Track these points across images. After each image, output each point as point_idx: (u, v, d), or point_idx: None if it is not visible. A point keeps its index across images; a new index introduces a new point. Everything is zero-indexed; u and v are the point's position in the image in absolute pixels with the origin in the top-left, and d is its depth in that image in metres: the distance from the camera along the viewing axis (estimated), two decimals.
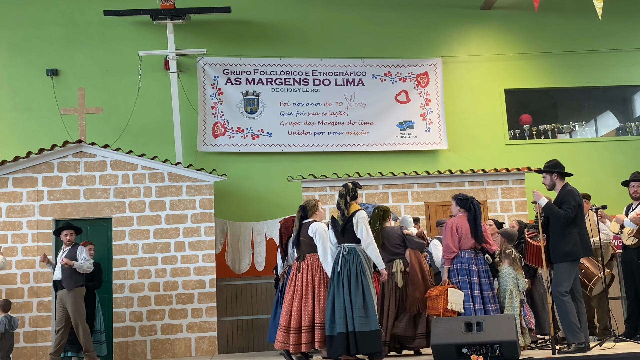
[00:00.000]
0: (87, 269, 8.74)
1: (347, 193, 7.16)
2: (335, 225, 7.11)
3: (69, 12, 12.41)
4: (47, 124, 11.87)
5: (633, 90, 13.45)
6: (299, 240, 7.34)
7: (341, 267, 6.91)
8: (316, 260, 7.22)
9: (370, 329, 6.70)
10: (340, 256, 6.96)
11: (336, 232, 7.10)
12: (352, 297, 6.76)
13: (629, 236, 8.29)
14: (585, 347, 6.83)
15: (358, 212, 7.02)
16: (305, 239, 7.29)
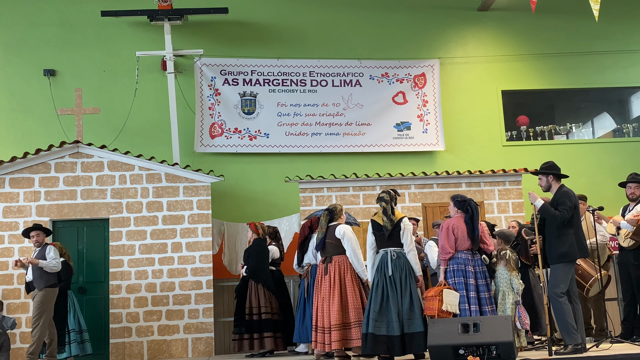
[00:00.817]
0: (54, 267, 8.57)
1: (391, 199, 7.43)
2: (379, 230, 7.32)
3: (66, 13, 12.40)
4: (44, 124, 11.86)
5: (630, 92, 13.47)
6: (325, 243, 7.59)
7: (392, 271, 7.18)
8: (345, 262, 7.49)
9: (417, 330, 7.01)
10: (390, 260, 7.21)
11: (381, 236, 7.31)
12: (402, 300, 7.09)
13: (626, 238, 8.31)
14: (582, 348, 6.84)
15: (403, 219, 7.36)
16: (332, 241, 7.56)
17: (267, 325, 8.90)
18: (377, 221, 7.39)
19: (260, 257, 9.14)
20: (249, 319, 8.91)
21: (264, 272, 9.10)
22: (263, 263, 9.13)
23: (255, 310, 8.92)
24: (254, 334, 8.86)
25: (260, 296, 8.97)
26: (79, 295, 9.88)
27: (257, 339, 8.85)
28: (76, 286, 9.91)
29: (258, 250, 9.16)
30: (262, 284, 9.01)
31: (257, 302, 8.95)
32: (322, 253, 7.70)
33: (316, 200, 10.64)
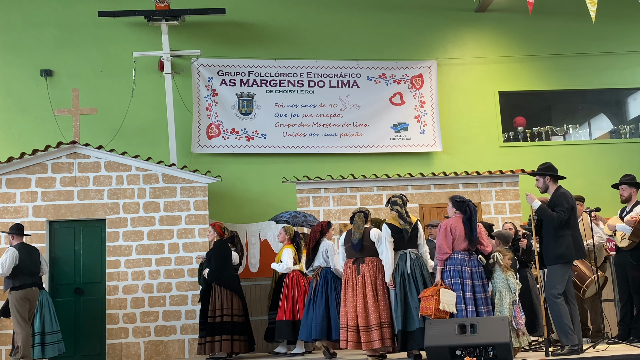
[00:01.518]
0: None
1: (404, 204, 7.85)
2: (398, 233, 7.67)
3: (63, 13, 12.39)
4: (41, 124, 11.85)
5: (627, 93, 13.50)
6: (362, 245, 7.78)
7: (411, 270, 7.59)
8: (378, 263, 7.75)
9: None
10: (409, 260, 7.61)
11: (400, 238, 7.67)
12: None
13: (622, 239, 8.32)
14: (579, 349, 6.85)
15: (417, 222, 7.81)
16: (368, 244, 7.79)
17: (231, 328, 8.85)
18: (394, 224, 7.70)
19: (223, 259, 9.06)
20: (212, 322, 8.83)
21: (227, 274, 9.03)
22: (226, 265, 9.05)
23: (219, 313, 8.85)
24: (216, 337, 8.78)
25: (223, 299, 8.91)
26: (76, 295, 9.87)
27: (219, 342, 8.77)
28: (73, 287, 9.90)
29: (219, 253, 9.07)
30: (225, 286, 8.94)
31: (221, 304, 8.89)
32: (355, 254, 7.83)
33: (313, 201, 10.64)
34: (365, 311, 7.60)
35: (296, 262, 9.12)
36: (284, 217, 9.81)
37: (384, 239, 7.70)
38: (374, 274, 7.73)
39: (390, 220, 7.78)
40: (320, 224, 8.62)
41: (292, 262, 9.06)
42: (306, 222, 9.70)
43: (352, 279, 7.76)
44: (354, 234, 7.86)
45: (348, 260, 7.89)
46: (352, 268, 7.81)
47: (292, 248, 9.19)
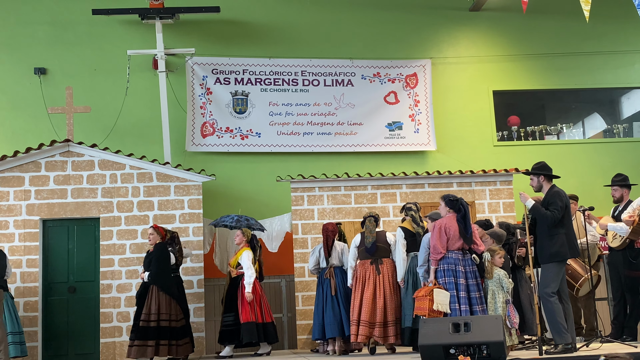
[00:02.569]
0: None
1: (417, 209, 8.49)
2: (412, 236, 8.29)
3: (57, 11, 12.35)
4: (35, 123, 11.81)
5: (620, 92, 13.54)
6: (377, 246, 8.36)
7: None
8: (391, 264, 8.38)
9: None
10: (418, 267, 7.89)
11: (412, 241, 8.25)
12: None
13: (614, 238, 8.35)
14: (572, 348, 6.87)
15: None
16: (383, 245, 8.41)
17: (166, 333, 8.74)
18: (408, 228, 8.34)
19: (163, 262, 8.94)
20: (146, 326, 8.68)
21: (166, 278, 8.92)
22: (165, 268, 8.95)
23: (154, 317, 8.73)
24: (149, 341, 8.65)
25: (161, 303, 8.78)
26: (70, 294, 9.85)
27: (152, 347, 8.64)
28: (66, 285, 9.88)
29: (160, 256, 8.95)
30: (165, 290, 8.83)
31: (157, 308, 8.76)
32: (369, 255, 8.37)
33: (308, 200, 10.63)
34: (385, 308, 8.20)
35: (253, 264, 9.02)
36: (225, 221, 9.69)
37: (398, 242, 8.27)
38: (391, 274, 8.34)
39: (404, 224, 8.41)
40: (332, 225, 8.97)
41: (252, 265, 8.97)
42: (249, 225, 9.57)
43: (373, 278, 8.29)
44: (367, 238, 8.40)
45: (365, 261, 8.41)
46: (371, 268, 8.35)
47: (250, 251, 9.07)
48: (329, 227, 8.93)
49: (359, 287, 8.33)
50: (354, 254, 8.52)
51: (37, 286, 9.73)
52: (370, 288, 8.25)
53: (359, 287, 8.33)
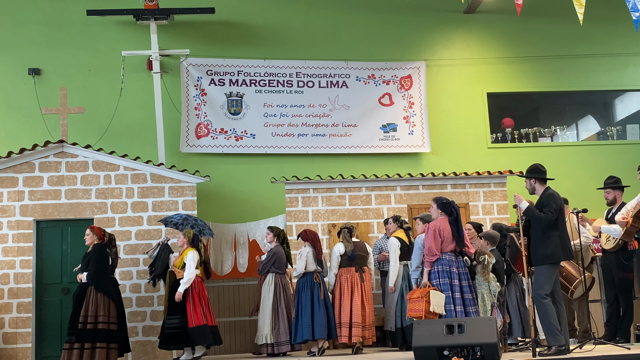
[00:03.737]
0: None
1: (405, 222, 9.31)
2: (405, 246, 9.01)
3: (52, 12, 12.33)
4: (29, 123, 11.78)
5: (614, 95, 13.59)
6: (358, 255, 8.91)
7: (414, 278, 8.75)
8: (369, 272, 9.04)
9: None
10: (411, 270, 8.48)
11: (405, 251, 8.95)
12: None
13: (607, 240, 8.38)
14: (565, 350, 6.89)
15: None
16: (363, 254, 8.98)
17: (103, 336, 8.66)
18: (403, 239, 9.05)
19: (101, 263, 8.85)
20: (83, 328, 8.60)
21: (104, 279, 8.83)
22: (104, 270, 8.86)
23: (91, 319, 8.65)
24: (86, 344, 8.57)
25: (99, 305, 8.70)
26: (63, 295, 9.82)
27: (89, 349, 8.55)
28: (60, 286, 9.85)
29: (98, 257, 8.85)
30: (103, 292, 8.74)
31: (95, 310, 8.68)
32: (352, 263, 8.88)
33: (302, 201, 10.64)
34: (369, 312, 8.82)
35: (197, 266, 8.90)
36: (174, 219, 9.54)
37: (394, 250, 8.90)
38: (370, 279, 8.97)
39: (399, 234, 9.07)
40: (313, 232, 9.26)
41: (195, 266, 8.83)
42: (196, 225, 9.50)
43: (358, 285, 8.79)
44: (346, 247, 8.90)
45: (349, 268, 8.87)
46: (356, 275, 8.84)
47: (195, 251, 8.92)
48: (315, 232, 9.22)
49: (347, 292, 8.77)
50: (338, 261, 8.90)
51: (30, 287, 9.69)
52: (357, 293, 8.74)
53: (347, 292, 8.77)
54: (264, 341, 9.03)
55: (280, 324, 9.05)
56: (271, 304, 9.09)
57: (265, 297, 9.15)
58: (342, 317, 8.72)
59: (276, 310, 9.09)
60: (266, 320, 9.06)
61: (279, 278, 9.23)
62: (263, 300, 9.17)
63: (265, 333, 9.03)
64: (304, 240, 9.16)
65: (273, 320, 9.06)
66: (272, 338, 9.01)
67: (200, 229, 9.46)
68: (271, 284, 9.17)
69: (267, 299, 9.13)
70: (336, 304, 8.85)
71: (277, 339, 9.01)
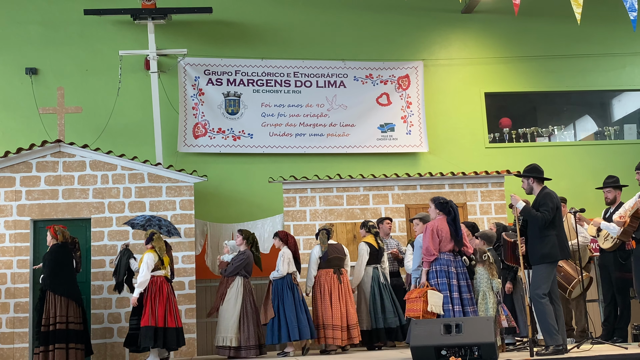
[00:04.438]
0: None
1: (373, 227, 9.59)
2: (375, 251, 9.33)
3: (49, 11, 12.31)
4: (26, 123, 11.77)
5: (611, 95, 13.60)
6: (334, 257, 9.11)
7: (384, 279, 9.39)
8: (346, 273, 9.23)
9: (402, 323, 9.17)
10: (381, 273, 9.36)
11: (374, 255, 9.33)
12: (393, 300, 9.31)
13: (605, 240, 8.38)
14: (563, 349, 6.89)
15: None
16: (340, 255, 9.19)
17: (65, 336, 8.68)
18: (372, 244, 9.32)
19: (57, 264, 8.82)
20: (46, 331, 8.63)
21: (62, 280, 8.80)
22: (62, 271, 8.83)
23: (52, 321, 8.67)
24: (49, 346, 8.59)
25: (58, 306, 8.71)
26: None
27: (52, 351, 8.57)
28: None
29: (54, 258, 8.84)
30: (59, 293, 8.72)
31: (55, 312, 8.68)
32: (329, 265, 9.09)
33: (300, 201, 10.63)
34: (348, 313, 8.94)
35: (159, 267, 8.83)
36: (137, 221, 9.48)
37: (361, 255, 9.20)
38: (348, 282, 9.19)
39: (368, 239, 9.35)
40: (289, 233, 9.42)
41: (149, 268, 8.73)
42: (161, 225, 9.46)
43: (337, 286, 8.98)
44: (322, 248, 9.12)
45: (328, 270, 9.06)
46: (335, 277, 9.04)
47: (153, 252, 8.82)
48: (290, 234, 9.38)
49: (327, 293, 8.98)
50: (317, 263, 9.07)
51: (27, 287, 9.68)
52: (336, 295, 8.95)
53: (327, 293, 8.98)
54: (228, 343, 8.93)
55: (250, 328, 9.01)
56: (239, 308, 9.04)
57: (232, 300, 9.07)
58: (324, 319, 8.89)
59: (244, 314, 9.04)
60: (232, 323, 8.98)
61: (247, 282, 9.23)
62: (229, 302, 9.07)
63: (230, 336, 8.95)
64: (282, 242, 9.20)
65: (240, 324, 9.00)
66: (236, 342, 8.94)
67: (168, 230, 9.42)
68: (240, 287, 9.13)
69: (234, 302, 9.06)
70: (318, 305, 8.99)
71: (246, 343, 8.95)
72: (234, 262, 9.27)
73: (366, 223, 9.59)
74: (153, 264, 8.73)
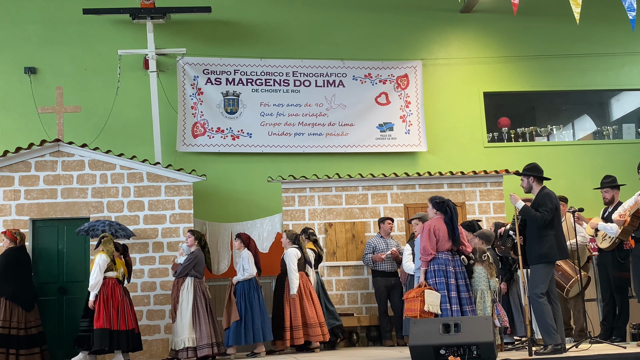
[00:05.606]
0: None
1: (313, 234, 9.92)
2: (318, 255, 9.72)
3: (48, 10, 12.31)
4: (25, 122, 11.76)
5: (610, 94, 13.61)
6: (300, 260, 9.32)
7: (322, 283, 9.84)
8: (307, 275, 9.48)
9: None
10: (318, 277, 9.73)
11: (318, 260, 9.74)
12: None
13: (603, 239, 8.39)
14: (562, 349, 6.90)
15: None
16: (306, 257, 9.39)
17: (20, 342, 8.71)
18: (315, 250, 9.67)
19: (10, 268, 8.84)
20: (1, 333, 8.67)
21: (13, 285, 8.80)
22: (12, 275, 8.83)
23: (6, 325, 8.67)
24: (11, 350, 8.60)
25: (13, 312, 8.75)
26: (60, 294, 9.80)
27: (4, 354, 8.58)
28: (56, 286, 9.84)
29: (7, 262, 8.85)
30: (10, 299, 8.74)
31: (10, 317, 8.70)
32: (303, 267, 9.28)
33: (298, 201, 10.64)
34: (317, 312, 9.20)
35: (111, 268, 8.82)
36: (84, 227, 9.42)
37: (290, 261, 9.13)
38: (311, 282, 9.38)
39: (311, 246, 9.66)
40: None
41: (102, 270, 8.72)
42: (120, 229, 9.43)
43: (307, 287, 9.24)
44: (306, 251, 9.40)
45: (302, 272, 9.26)
46: (307, 279, 9.30)
47: (105, 254, 8.77)
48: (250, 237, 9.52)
49: (303, 295, 9.17)
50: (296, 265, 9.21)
51: None
52: (308, 296, 9.21)
53: (303, 295, 9.17)
54: (183, 345, 8.88)
55: (203, 328, 8.93)
56: (191, 308, 8.97)
57: (184, 301, 9.01)
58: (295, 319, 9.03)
59: (197, 314, 8.97)
60: (185, 324, 8.92)
61: (198, 282, 9.14)
62: (181, 304, 9.01)
63: (184, 337, 8.89)
64: (244, 244, 9.21)
65: (193, 325, 8.94)
66: (192, 342, 8.89)
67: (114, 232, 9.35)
68: (190, 287, 9.05)
69: (186, 302, 8.99)
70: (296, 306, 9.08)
71: (200, 342, 8.90)
72: (183, 262, 9.23)
73: (306, 230, 9.84)
74: (105, 265, 8.74)
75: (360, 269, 10.50)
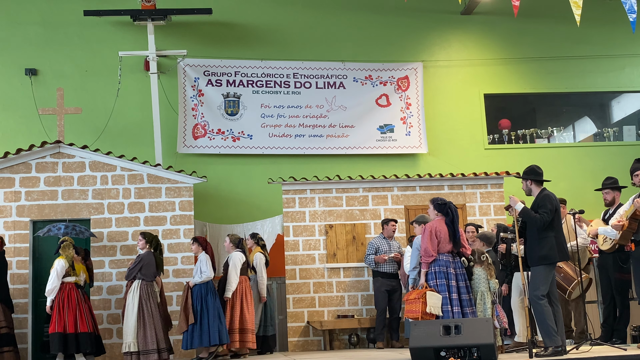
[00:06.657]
0: None
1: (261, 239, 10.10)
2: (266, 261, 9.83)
3: (49, 12, 12.32)
4: (25, 124, 11.77)
5: (610, 96, 13.61)
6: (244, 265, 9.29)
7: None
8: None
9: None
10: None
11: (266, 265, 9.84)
12: None
13: (604, 241, 8.38)
14: (562, 351, 6.90)
15: None
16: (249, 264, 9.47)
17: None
18: (265, 255, 9.83)
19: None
20: None
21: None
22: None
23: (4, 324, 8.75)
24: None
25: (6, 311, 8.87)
26: None
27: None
28: None
29: None
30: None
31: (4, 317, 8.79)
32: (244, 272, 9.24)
33: (299, 202, 10.64)
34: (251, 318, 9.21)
35: (69, 273, 8.81)
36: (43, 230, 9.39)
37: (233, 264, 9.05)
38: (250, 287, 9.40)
39: (262, 251, 9.79)
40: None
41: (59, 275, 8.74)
42: (80, 232, 9.38)
43: (247, 292, 9.20)
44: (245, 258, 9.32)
45: (245, 276, 9.23)
46: (248, 283, 9.28)
47: (63, 259, 8.80)
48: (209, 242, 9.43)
49: (245, 299, 9.17)
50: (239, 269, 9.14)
51: (27, 288, 9.68)
52: (249, 300, 9.21)
53: (245, 299, 9.17)
54: (128, 349, 8.77)
55: (148, 332, 8.79)
56: (136, 311, 8.82)
57: (130, 304, 8.86)
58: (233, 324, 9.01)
59: (142, 318, 8.82)
60: (130, 328, 8.80)
61: (145, 285, 8.94)
62: (127, 307, 8.89)
63: (129, 341, 8.77)
64: (202, 247, 9.12)
65: (137, 329, 8.79)
66: (135, 347, 8.75)
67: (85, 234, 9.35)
68: (136, 291, 8.88)
69: (131, 306, 8.84)
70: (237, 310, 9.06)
71: (144, 348, 8.77)
72: (130, 265, 9.17)
73: (255, 235, 10.01)
74: (63, 270, 8.76)
75: (361, 271, 10.49)
